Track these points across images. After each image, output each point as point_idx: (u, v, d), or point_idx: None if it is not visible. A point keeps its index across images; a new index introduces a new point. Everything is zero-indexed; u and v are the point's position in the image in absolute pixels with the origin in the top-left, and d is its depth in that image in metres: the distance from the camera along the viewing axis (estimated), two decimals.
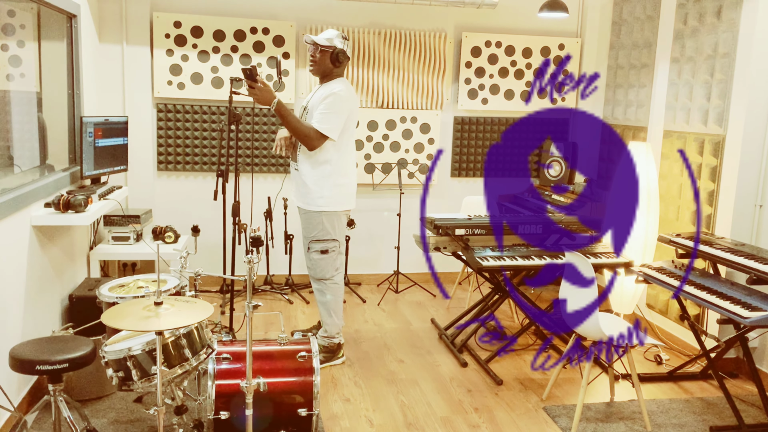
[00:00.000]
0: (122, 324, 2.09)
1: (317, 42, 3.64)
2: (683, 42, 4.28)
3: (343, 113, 3.62)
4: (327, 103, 3.59)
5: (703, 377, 3.85)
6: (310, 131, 3.57)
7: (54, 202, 3.41)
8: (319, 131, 3.56)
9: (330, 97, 3.59)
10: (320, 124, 3.56)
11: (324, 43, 3.64)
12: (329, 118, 3.58)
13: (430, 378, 3.74)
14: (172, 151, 5.03)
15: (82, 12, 4.24)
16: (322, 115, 3.58)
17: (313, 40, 3.65)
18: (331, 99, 3.59)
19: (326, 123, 3.57)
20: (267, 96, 3.52)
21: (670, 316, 4.35)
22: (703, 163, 4.07)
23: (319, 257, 3.75)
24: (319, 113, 3.59)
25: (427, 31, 5.25)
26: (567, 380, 3.77)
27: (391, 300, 5.13)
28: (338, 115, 3.59)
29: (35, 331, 3.29)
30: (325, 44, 3.64)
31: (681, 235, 3.78)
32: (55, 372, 2.55)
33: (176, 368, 2.35)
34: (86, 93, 4.36)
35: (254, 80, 3.48)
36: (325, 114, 3.58)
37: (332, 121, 3.58)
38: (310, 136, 3.57)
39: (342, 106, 3.60)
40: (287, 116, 3.55)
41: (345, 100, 3.62)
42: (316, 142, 3.59)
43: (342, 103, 3.61)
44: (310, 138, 3.58)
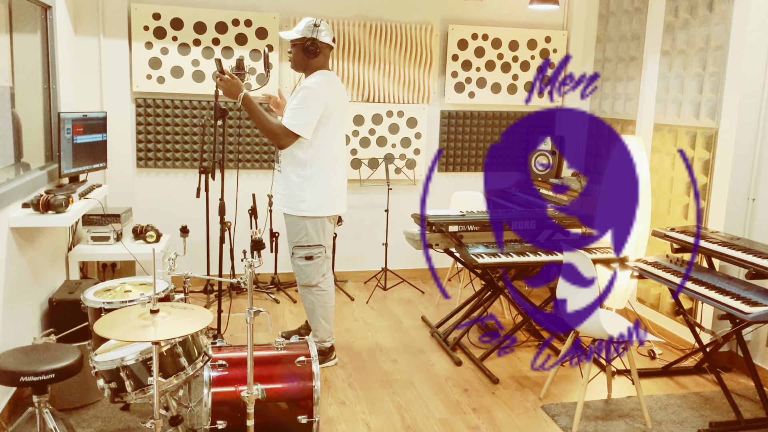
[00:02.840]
0: (117, 334, 1.97)
1: (286, 38, 3.48)
2: (674, 34, 4.26)
3: (316, 109, 3.38)
4: (298, 98, 3.38)
5: (697, 371, 3.84)
6: (277, 128, 3.36)
7: (33, 202, 3.25)
8: (287, 128, 3.35)
9: (301, 92, 3.38)
10: (289, 120, 3.36)
11: (294, 37, 3.45)
12: (299, 114, 3.36)
13: (426, 378, 3.67)
14: (152, 147, 4.87)
15: (57, 3, 4.05)
16: (293, 110, 3.37)
17: (283, 36, 3.50)
18: (302, 93, 3.38)
19: (295, 119, 3.35)
20: (233, 89, 3.33)
21: (661, 310, 4.34)
22: (695, 157, 4.06)
23: (304, 263, 3.59)
24: (290, 109, 3.39)
25: (413, 24, 5.16)
26: (563, 377, 3.73)
27: (379, 298, 5.04)
28: (309, 110, 3.36)
29: (15, 339, 3.13)
30: (295, 37, 3.45)
31: (675, 230, 3.75)
32: (41, 383, 2.42)
33: (172, 378, 2.24)
34: (63, 88, 4.18)
35: (221, 71, 3.33)
36: (295, 109, 3.37)
37: (302, 117, 3.35)
38: (277, 133, 3.36)
39: (314, 100, 3.37)
40: (254, 111, 3.35)
41: (318, 94, 3.38)
42: (284, 139, 3.37)
43: (314, 97, 3.37)
44: (277, 135, 3.36)
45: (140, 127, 4.82)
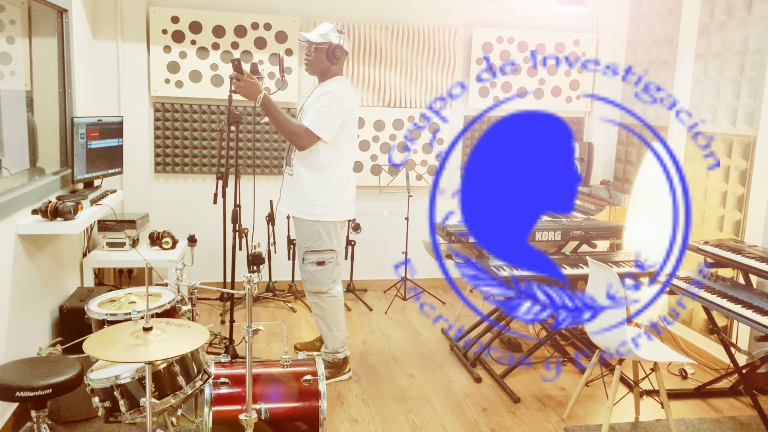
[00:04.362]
0: (107, 354, 1.87)
1: (310, 39, 3.39)
2: (709, 37, 4.05)
3: (339, 113, 3.34)
4: (322, 101, 3.32)
5: (732, 393, 3.62)
6: (300, 129, 3.29)
7: (42, 209, 3.19)
8: (310, 130, 3.28)
9: (325, 96, 3.33)
10: (313, 123, 3.29)
11: (318, 40, 3.38)
12: (323, 117, 3.30)
13: (443, 395, 3.52)
14: (170, 152, 4.81)
15: (74, 6, 4.01)
16: (316, 113, 3.31)
17: (306, 38, 3.41)
18: (326, 97, 3.33)
19: (319, 122, 3.29)
20: (252, 90, 3.24)
21: (693, 326, 4.12)
22: (731, 166, 3.84)
23: (315, 269, 3.49)
24: (313, 111, 3.33)
25: (435, 27, 5.02)
26: (588, 397, 3.54)
27: (398, 308, 4.91)
28: (334, 114, 3.32)
29: (21, 348, 3.07)
30: (320, 41, 3.38)
31: (710, 243, 3.55)
32: (38, 398, 2.34)
33: (169, 398, 2.13)
34: (79, 92, 4.14)
35: (240, 72, 3.25)
36: (319, 112, 3.31)
37: (326, 120, 3.30)
38: (300, 134, 3.29)
39: (338, 105, 3.33)
40: (274, 112, 3.26)
41: (342, 99, 3.35)
42: (306, 141, 3.31)
43: (338, 102, 3.34)
44: (300, 137, 3.29)
45: (158, 132, 4.77)
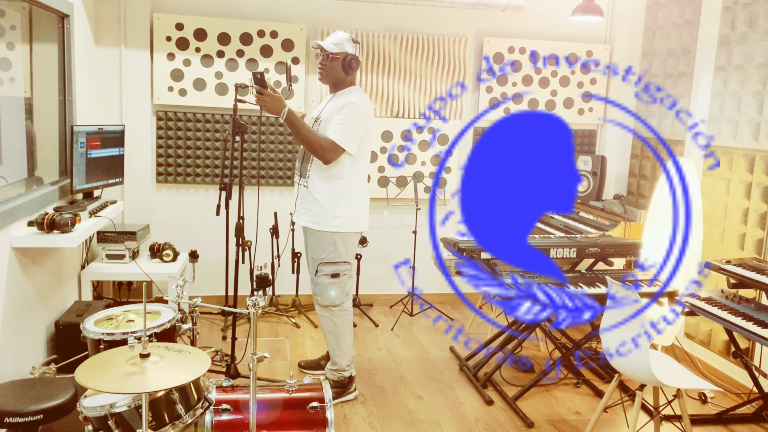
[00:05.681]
0: (101, 383, 1.73)
1: (326, 48, 3.29)
2: (730, 49, 3.92)
3: (362, 125, 3.28)
4: (345, 113, 3.25)
5: (756, 420, 3.47)
6: (327, 143, 3.22)
7: (38, 221, 3.07)
8: (336, 143, 3.22)
9: (347, 107, 3.25)
10: (338, 136, 3.22)
11: (334, 50, 3.29)
12: (347, 129, 3.24)
13: (453, 419, 3.38)
14: (173, 162, 4.69)
15: (76, 12, 3.90)
16: (340, 126, 3.23)
17: (320, 45, 3.30)
18: (348, 109, 3.25)
19: (344, 135, 3.23)
20: (277, 104, 3.17)
21: (713, 348, 3.97)
22: (753, 182, 3.71)
23: (329, 281, 3.39)
24: (336, 124, 3.25)
25: (446, 36, 4.91)
26: (606, 423, 3.39)
27: (405, 324, 4.76)
28: (357, 126, 3.26)
29: (14, 368, 2.93)
30: (335, 51, 3.29)
31: (732, 262, 3.41)
32: (28, 425, 2.20)
33: (168, 428, 1.99)
34: (80, 99, 4.03)
35: (264, 86, 3.14)
36: (343, 125, 3.24)
37: (350, 132, 3.24)
38: (326, 148, 3.22)
39: (360, 117, 3.27)
40: (299, 127, 3.20)
41: (363, 110, 3.29)
42: (332, 154, 3.24)
43: (361, 114, 3.27)
44: (326, 150, 3.22)
45: (161, 141, 4.65)
